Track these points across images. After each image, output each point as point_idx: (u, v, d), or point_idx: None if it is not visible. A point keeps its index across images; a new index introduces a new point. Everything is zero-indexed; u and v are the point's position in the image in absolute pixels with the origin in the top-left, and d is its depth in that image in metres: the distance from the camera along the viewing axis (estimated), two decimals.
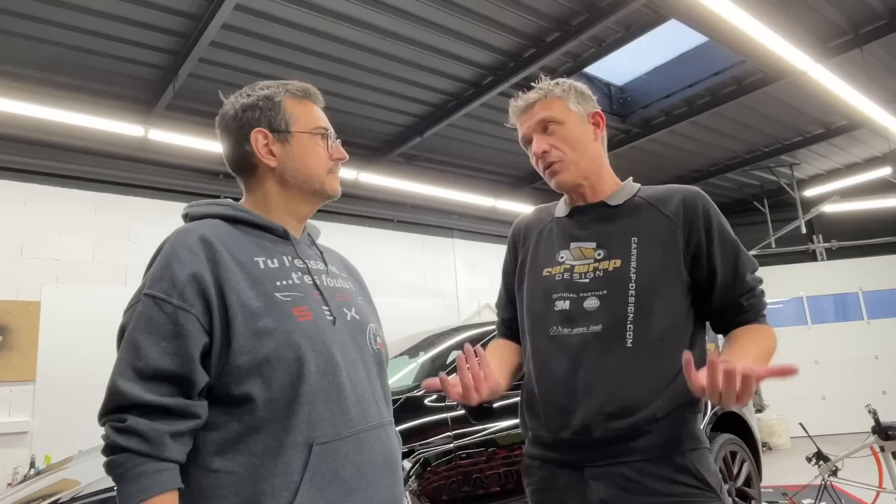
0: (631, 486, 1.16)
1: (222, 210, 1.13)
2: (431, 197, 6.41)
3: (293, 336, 1.00)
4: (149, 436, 0.91)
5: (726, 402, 0.98)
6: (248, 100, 1.16)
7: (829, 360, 8.09)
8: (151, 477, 0.91)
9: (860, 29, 4.67)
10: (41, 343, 4.85)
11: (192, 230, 1.04)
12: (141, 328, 0.96)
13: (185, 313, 0.96)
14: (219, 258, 1.01)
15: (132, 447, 0.91)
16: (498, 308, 1.57)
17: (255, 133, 1.13)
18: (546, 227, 1.43)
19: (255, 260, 1.06)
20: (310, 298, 1.08)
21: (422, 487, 2.47)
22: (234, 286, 1.00)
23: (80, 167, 5.20)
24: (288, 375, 0.99)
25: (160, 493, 0.91)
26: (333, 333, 1.07)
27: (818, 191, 7.51)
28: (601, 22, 4.16)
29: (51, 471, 2.70)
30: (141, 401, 0.92)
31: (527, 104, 1.34)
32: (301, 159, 1.15)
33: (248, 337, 0.98)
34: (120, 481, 0.92)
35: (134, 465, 0.91)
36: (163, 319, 0.95)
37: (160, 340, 0.94)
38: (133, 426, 0.91)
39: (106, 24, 3.93)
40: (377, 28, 4.22)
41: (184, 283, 0.97)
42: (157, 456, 0.92)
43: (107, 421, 0.94)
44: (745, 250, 1.32)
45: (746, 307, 1.28)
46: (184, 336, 0.95)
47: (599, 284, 1.25)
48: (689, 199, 1.29)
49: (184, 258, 1.00)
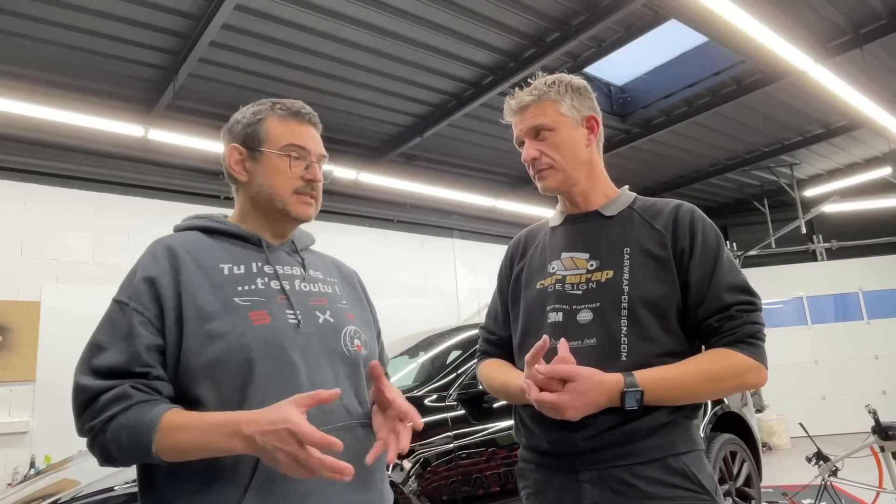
0: (626, 489, 1.16)
1: (201, 223, 1.19)
2: (431, 197, 6.41)
3: (245, 339, 1.02)
4: (124, 393, 0.96)
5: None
6: (240, 114, 1.21)
7: (829, 360, 8.09)
8: (150, 407, 0.95)
9: (860, 29, 4.67)
10: (41, 343, 4.86)
11: (160, 241, 1.11)
12: (104, 330, 1.02)
13: (137, 315, 1.01)
14: (180, 264, 1.06)
15: (115, 410, 0.95)
16: (488, 325, 1.49)
17: (231, 148, 1.19)
18: (541, 240, 1.41)
19: (220, 266, 1.09)
20: (272, 302, 1.09)
21: (422, 487, 2.47)
22: (192, 290, 1.04)
23: (80, 167, 5.20)
24: (240, 378, 1.00)
25: (167, 410, 0.95)
26: (295, 336, 1.07)
27: (818, 191, 7.51)
28: (601, 22, 4.16)
29: (51, 471, 2.70)
30: (101, 389, 0.96)
31: (520, 106, 1.32)
32: (266, 178, 1.16)
33: (198, 339, 1.00)
34: (125, 436, 0.94)
35: (129, 413, 0.94)
36: (122, 321, 1.01)
37: (117, 341, 1.00)
38: (106, 398, 0.95)
39: (106, 24, 3.93)
40: (377, 28, 4.22)
41: (142, 287, 1.03)
42: (141, 400, 0.96)
43: (83, 421, 0.98)
44: (730, 268, 1.22)
45: (718, 328, 1.18)
46: (135, 336, 0.99)
47: (592, 297, 1.24)
48: (679, 213, 1.27)
49: (146, 265, 1.06)
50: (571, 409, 1.11)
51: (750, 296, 1.20)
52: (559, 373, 1.12)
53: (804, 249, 8.73)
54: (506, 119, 1.38)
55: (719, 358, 1.16)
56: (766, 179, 8.23)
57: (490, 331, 1.48)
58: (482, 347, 1.50)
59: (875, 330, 8.12)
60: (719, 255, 1.22)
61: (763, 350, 1.17)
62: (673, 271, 1.22)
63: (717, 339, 1.19)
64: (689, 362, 1.18)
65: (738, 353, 1.15)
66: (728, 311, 1.18)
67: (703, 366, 1.17)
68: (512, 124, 1.37)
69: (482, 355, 1.50)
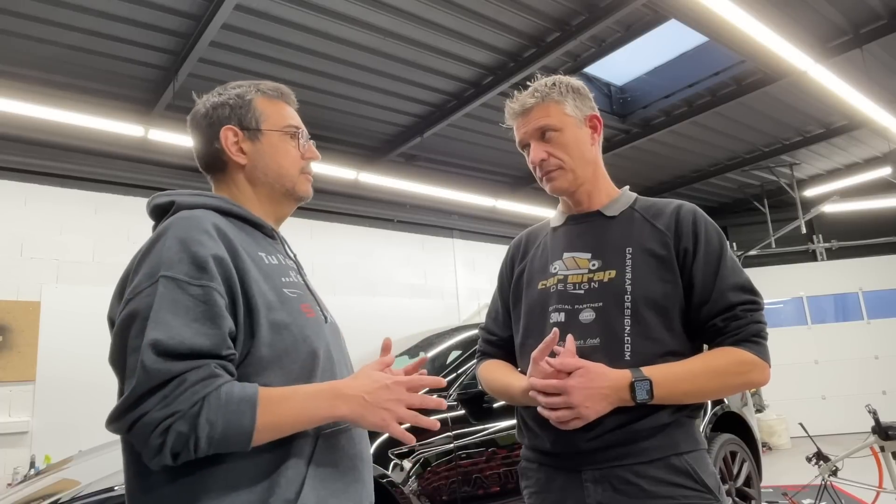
0: (629, 488, 1.16)
1: (216, 202, 1.08)
2: (431, 197, 6.40)
3: (306, 331, 1.02)
4: (213, 373, 0.87)
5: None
6: (218, 98, 1.15)
7: (829, 360, 8.09)
8: (239, 385, 0.89)
9: (860, 29, 4.67)
10: (41, 343, 4.85)
11: (200, 217, 0.99)
12: (167, 309, 0.87)
13: (217, 294, 0.91)
14: (235, 247, 0.99)
15: (208, 390, 0.85)
16: (488, 325, 1.48)
17: (225, 130, 1.13)
18: (542, 241, 1.41)
19: (260, 255, 1.05)
20: (308, 297, 1.10)
21: (422, 487, 2.47)
22: (254, 276, 0.99)
23: (80, 167, 5.20)
24: (302, 368, 1.00)
25: (257, 386, 0.91)
26: (327, 332, 1.10)
27: (818, 191, 7.50)
28: (601, 22, 4.15)
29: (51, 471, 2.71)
30: (184, 369, 0.85)
31: (523, 108, 1.31)
32: (272, 157, 1.14)
33: (268, 329, 0.97)
34: (222, 417, 0.85)
35: (220, 393, 0.86)
36: (191, 302, 0.89)
37: (191, 322, 0.88)
38: (194, 377, 0.85)
39: (106, 24, 3.93)
40: (377, 28, 4.22)
41: (210, 264, 0.92)
42: (227, 381, 0.88)
43: (149, 407, 0.82)
44: (733, 268, 1.22)
45: (724, 328, 1.18)
46: (219, 317, 0.90)
47: (594, 296, 1.23)
48: (681, 212, 1.27)
49: (203, 241, 0.94)
50: (576, 393, 1.10)
51: (753, 295, 1.21)
52: (568, 365, 1.12)
53: (804, 249, 8.73)
54: (507, 122, 1.37)
55: (725, 356, 1.17)
56: (766, 179, 8.22)
57: (490, 331, 1.48)
58: (482, 348, 1.50)
59: (875, 330, 8.12)
60: (723, 254, 1.23)
61: (766, 349, 1.19)
62: (675, 271, 1.22)
63: (722, 339, 1.19)
64: (696, 359, 1.19)
65: (744, 352, 1.16)
66: (733, 310, 1.19)
67: (709, 363, 1.17)
68: (514, 127, 1.35)
69: (482, 356, 1.49)
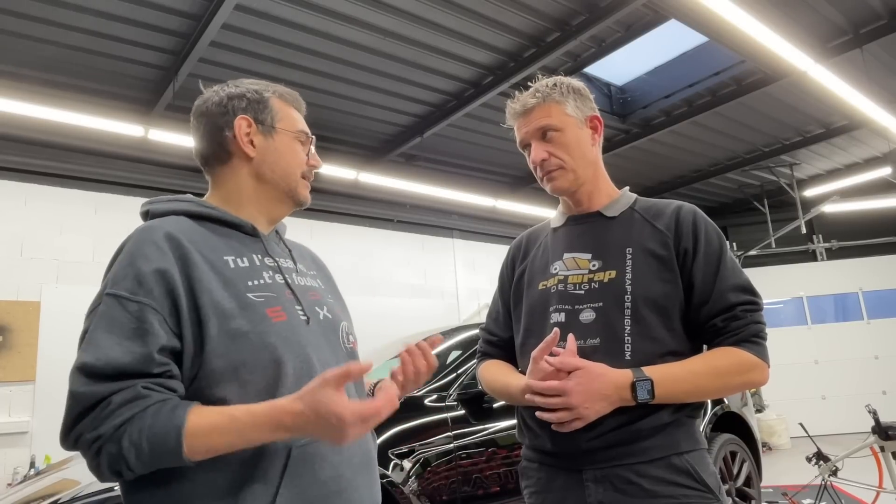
0: (629, 487, 1.16)
1: (186, 206, 1.08)
2: (431, 197, 6.41)
3: (268, 338, 0.97)
4: (138, 394, 0.86)
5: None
6: (235, 90, 1.15)
7: (829, 360, 8.09)
8: (170, 407, 0.87)
9: (860, 29, 4.67)
10: (41, 343, 4.86)
11: (156, 227, 0.99)
12: (102, 328, 0.90)
13: (151, 310, 0.91)
14: (188, 256, 0.97)
15: (131, 413, 0.85)
16: (489, 326, 1.49)
17: (240, 119, 1.12)
18: (542, 241, 1.41)
19: (225, 259, 1.02)
20: (283, 298, 1.05)
21: (422, 487, 2.47)
22: (206, 286, 0.96)
23: (80, 167, 5.20)
24: (264, 379, 0.95)
25: (189, 409, 0.88)
26: (308, 334, 1.04)
27: (818, 191, 7.51)
28: (601, 22, 4.15)
29: (51, 471, 2.70)
30: (108, 392, 0.86)
31: (525, 108, 1.32)
32: (281, 155, 1.14)
33: (222, 339, 0.94)
34: (147, 441, 0.84)
35: (145, 416, 0.85)
36: (126, 319, 0.90)
37: (123, 340, 0.89)
38: (118, 400, 0.85)
39: (106, 24, 3.93)
40: (377, 28, 4.22)
41: (150, 280, 0.92)
42: (158, 400, 0.87)
43: (82, 430, 0.86)
44: (733, 268, 1.23)
45: (723, 328, 1.19)
46: (149, 334, 0.90)
47: (595, 296, 1.24)
48: (681, 213, 1.28)
49: (150, 255, 0.94)
50: (576, 394, 1.11)
51: (753, 296, 1.22)
52: (568, 365, 1.13)
53: (804, 249, 8.73)
54: (508, 122, 1.37)
55: (726, 356, 1.18)
56: (766, 179, 8.23)
57: (491, 332, 1.48)
58: (482, 348, 1.50)
59: (875, 330, 8.12)
60: (723, 255, 1.23)
61: (766, 349, 1.19)
62: (676, 271, 1.23)
63: (722, 339, 1.20)
64: (696, 359, 1.19)
65: (744, 352, 1.17)
66: (733, 310, 1.19)
67: (710, 363, 1.18)
68: (515, 127, 1.36)
69: (482, 356, 1.49)
